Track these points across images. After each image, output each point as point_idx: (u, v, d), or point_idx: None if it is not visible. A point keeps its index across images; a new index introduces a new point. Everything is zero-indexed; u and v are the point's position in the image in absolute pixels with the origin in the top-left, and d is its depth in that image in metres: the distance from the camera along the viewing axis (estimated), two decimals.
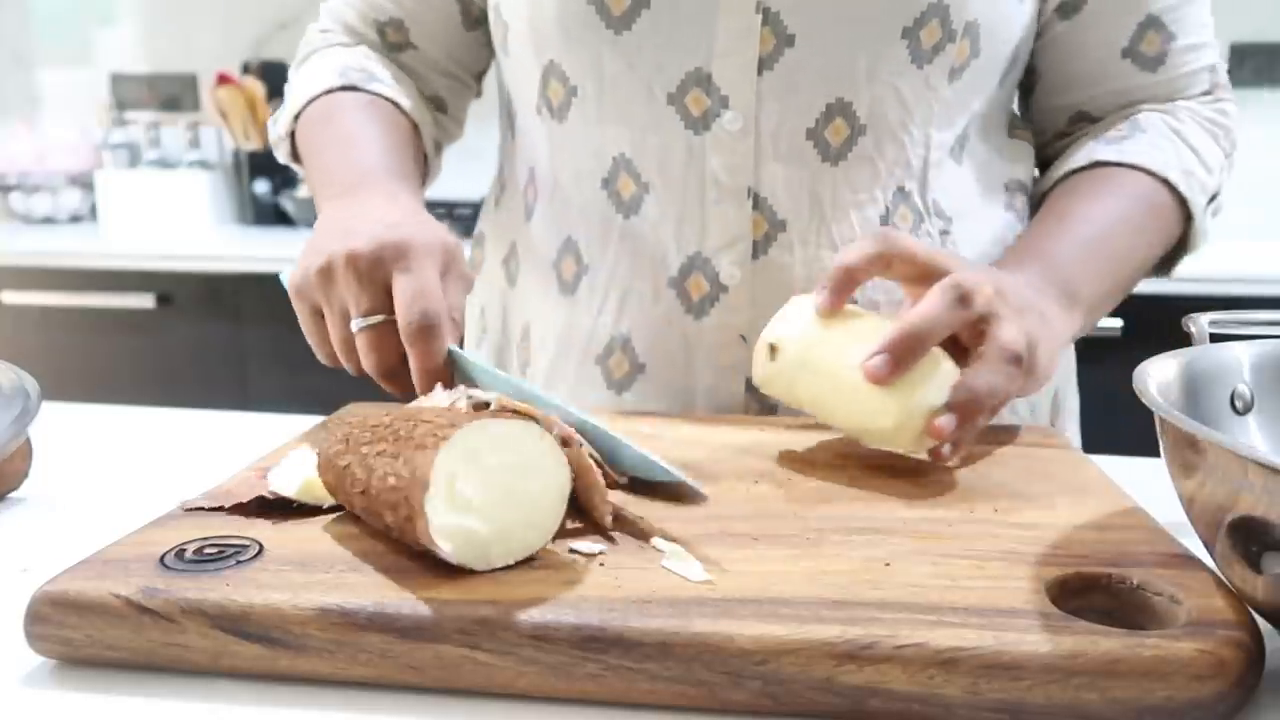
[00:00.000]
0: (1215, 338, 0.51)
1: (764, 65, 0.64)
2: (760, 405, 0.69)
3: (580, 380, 0.72)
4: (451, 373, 0.55)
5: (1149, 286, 1.79)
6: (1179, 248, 0.74)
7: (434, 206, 0.98)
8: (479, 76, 0.84)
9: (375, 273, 0.55)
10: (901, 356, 0.51)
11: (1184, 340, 0.52)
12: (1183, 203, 0.70)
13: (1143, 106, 0.73)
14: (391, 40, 0.79)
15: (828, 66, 0.64)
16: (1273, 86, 2.10)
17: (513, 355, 0.79)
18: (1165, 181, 0.69)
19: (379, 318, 0.55)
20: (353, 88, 0.75)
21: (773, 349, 0.56)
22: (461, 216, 2.11)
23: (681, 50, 0.65)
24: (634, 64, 0.66)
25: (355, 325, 0.55)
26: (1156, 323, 1.63)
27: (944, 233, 0.71)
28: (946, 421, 0.50)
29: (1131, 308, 1.66)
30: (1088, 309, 0.64)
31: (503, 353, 0.80)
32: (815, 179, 0.67)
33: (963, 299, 0.51)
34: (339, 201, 0.64)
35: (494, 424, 0.41)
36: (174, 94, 2.47)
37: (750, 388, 0.69)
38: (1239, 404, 0.48)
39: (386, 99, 0.76)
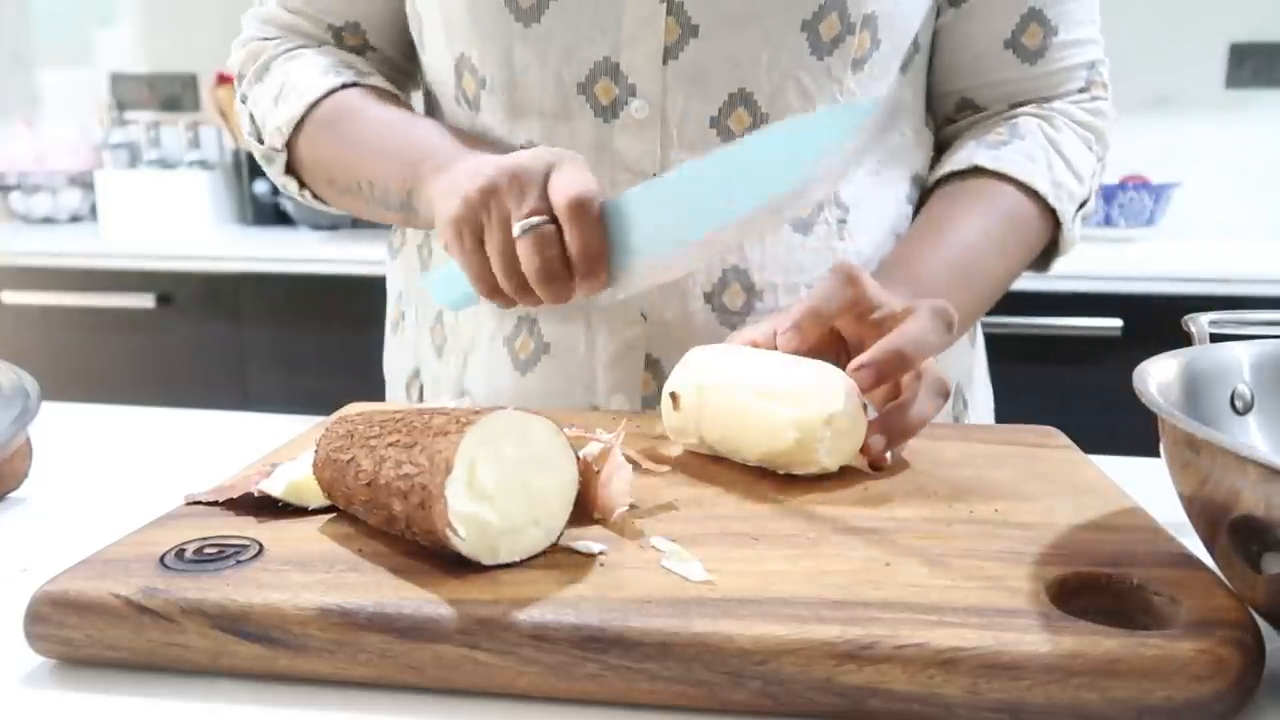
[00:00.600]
0: (1215, 338, 0.51)
1: (669, 54, 0.65)
2: (655, 379, 0.70)
3: (491, 361, 0.73)
4: (608, 261, 0.56)
5: (1149, 286, 1.78)
6: (1051, 249, 0.77)
7: None
8: (417, 68, 0.83)
9: (535, 177, 0.56)
10: (886, 375, 0.54)
11: (1184, 340, 0.52)
12: (1052, 211, 0.73)
13: (1023, 110, 0.76)
14: (349, 44, 0.78)
15: (730, 57, 0.66)
16: (1273, 86, 2.10)
17: (427, 340, 0.79)
18: (1035, 194, 0.73)
19: (542, 218, 0.56)
20: (353, 84, 0.74)
21: (674, 398, 0.57)
22: None
23: (590, 40, 0.66)
24: (544, 55, 0.67)
25: (518, 229, 0.56)
26: (1156, 323, 1.64)
27: (841, 221, 0.73)
28: (877, 442, 0.54)
29: (1132, 308, 1.67)
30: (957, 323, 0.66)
31: (419, 340, 0.80)
32: None
33: (949, 325, 0.55)
34: (458, 162, 0.63)
35: (516, 416, 0.42)
36: (174, 94, 2.47)
37: (648, 366, 0.71)
38: (1239, 404, 0.48)
39: (387, 89, 0.75)
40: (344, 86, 0.73)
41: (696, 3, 0.65)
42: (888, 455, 0.54)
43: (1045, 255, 0.78)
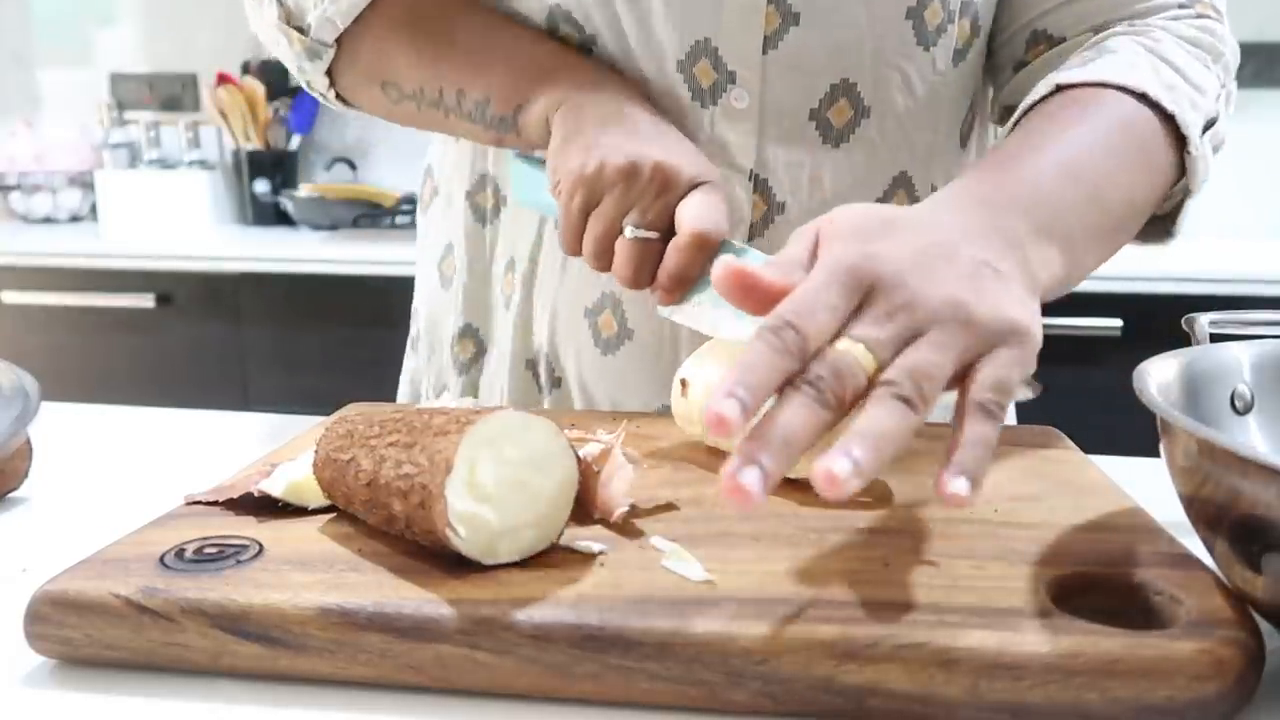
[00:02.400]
0: (1215, 338, 0.51)
1: (769, 44, 0.63)
2: None
3: (570, 331, 0.70)
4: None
5: (1149, 286, 1.78)
6: (1176, 194, 0.63)
7: None
8: None
9: (674, 188, 0.55)
10: (772, 473, 0.35)
11: (1184, 340, 0.52)
12: (1171, 122, 0.58)
13: (1112, 31, 0.64)
14: None
15: (833, 46, 0.63)
16: (1273, 86, 2.10)
17: (491, 291, 0.75)
18: (1144, 98, 0.57)
19: (653, 235, 0.55)
20: None
21: (683, 384, 0.56)
22: None
23: (691, 16, 0.63)
24: (643, 28, 0.63)
25: (630, 233, 0.55)
26: (1156, 323, 1.64)
27: None
28: (842, 468, 0.35)
29: (1131, 308, 1.67)
30: (1068, 248, 0.49)
31: (472, 296, 0.76)
32: (815, 162, 0.66)
33: (828, 402, 0.37)
34: (594, 93, 0.59)
35: (516, 416, 0.42)
36: (174, 94, 2.47)
37: None
38: (1239, 404, 0.48)
39: None
40: None
41: None
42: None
43: (1170, 211, 0.64)
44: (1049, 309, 0.46)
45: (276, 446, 0.58)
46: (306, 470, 0.48)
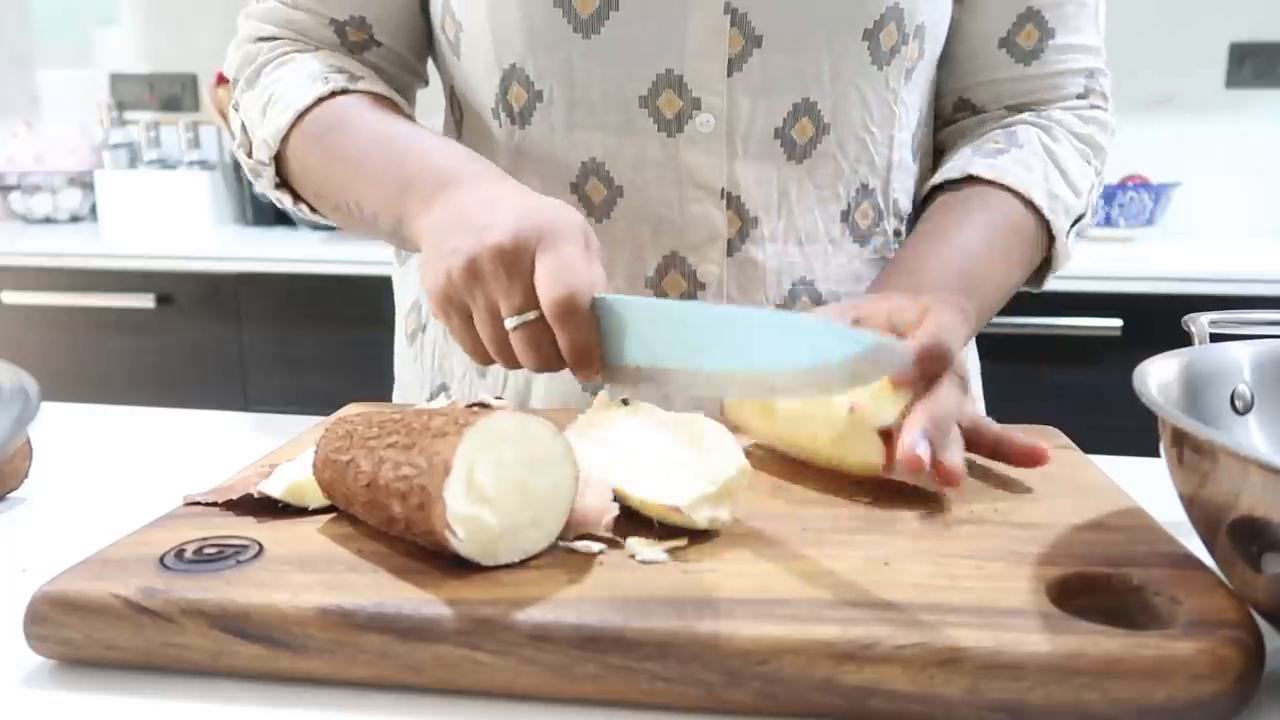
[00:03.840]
0: (1215, 338, 0.51)
1: (733, 66, 0.65)
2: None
3: (553, 385, 0.71)
4: (602, 351, 0.52)
5: (1149, 286, 1.78)
6: (1045, 265, 0.76)
7: None
8: (425, 64, 0.79)
9: (521, 263, 0.51)
10: (931, 370, 0.51)
11: (1184, 340, 0.52)
12: (1047, 224, 0.72)
13: (1020, 118, 0.75)
14: (353, 40, 0.73)
15: (794, 67, 0.66)
16: (1273, 86, 2.10)
17: (460, 358, 0.75)
18: (1030, 204, 0.71)
19: (532, 314, 0.51)
20: (343, 91, 0.68)
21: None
22: None
23: (652, 52, 0.65)
24: (605, 67, 0.65)
25: (510, 324, 0.52)
26: (1156, 323, 1.64)
27: (897, 233, 0.74)
28: (921, 445, 0.47)
29: (1132, 308, 1.67)
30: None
31: (449, 355, 0.76)
32: (782, 176, 0.68)
33: (968, 318, 0.55)
34: (444, 197, 0.58)
35: (514, 417, 0.41)
36: (174, 94, 2.47)
37: None
38: (1239, 404, 0.48)
39: (382, 95, 0.70)
40: (333, 94, 0.68)
41: (760, 14, 0.64)
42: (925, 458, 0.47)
43: (1039, 271, 0.77)
44: (1048, 309, 0.47)
45: (276, 446, 0.58)
46: (306, 471, 0.48)
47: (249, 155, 0.72)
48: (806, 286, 0.70)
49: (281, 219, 2.28)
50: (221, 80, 2.26)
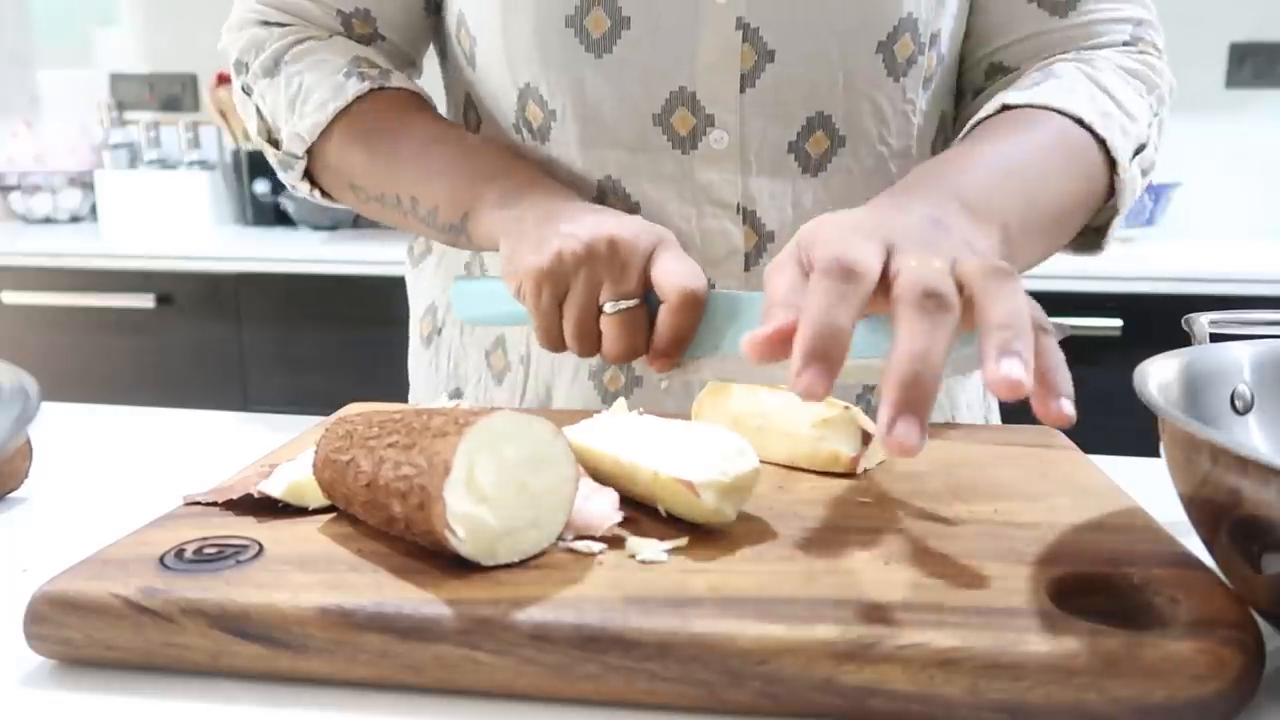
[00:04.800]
0: (1215, 338, 0.51)
1: (746, 82, 0.64)
2: None
3: (573, 393, 0.72)
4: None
5: (1149, 286, 1.78)
6: (1107, 211, 0.67)
7: None
8: (422, 58, 0.80)
9: (638, 254, 0.55)
10: (825, 359, 0.37)
11: (1184, 340, 0.52)
12: (1104, 146, 0.62)
13: (1058, 56, 0.69)
14: (359, 32, 0.74)
15: (807, 81, 0.65)
16: (1273, 86, 2.10)
17: (481, 363, 0.76)
18: (1079, 122, 0.62)
19: (634, 303, 0.55)
20: (379, 88, 0.70)
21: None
22: None
23: (665, 70, 0.65)
24: (618, 86, 0.65)
25: (611, 308, 0.55)
26: (1156, 323, 1.64)
27: None
28: (888, 420, 0.36)
29: (1132, 308, 1.67)
30: (1003, 228, 0.53)
31: (466, 361, 0.77)
32: (797, 190, 0.67)
33: (849, 273, 0.39)
34: (538, 195, 0.61)
35: (514, 417, 0.41)
36: (174, 94, 2.47)
37: None
38: (1239, 404, 0.48)
39: (418, 93, 0.72)
40: (370, 92, 0.69)
41: (772, 29, 0.64)
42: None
43: (1095, 233, 0.68)
44: (1048, 310, 0.47)
45: (276, 446, 0.58)
46: (306, 470, 0.48)
47: (273, 144, 0.73)
48: None
49: (281, 219, 2.28)
50: (222, 80, 2.26)
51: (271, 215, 2.29)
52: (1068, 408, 0.37)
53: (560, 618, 0.37)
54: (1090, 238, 0.69)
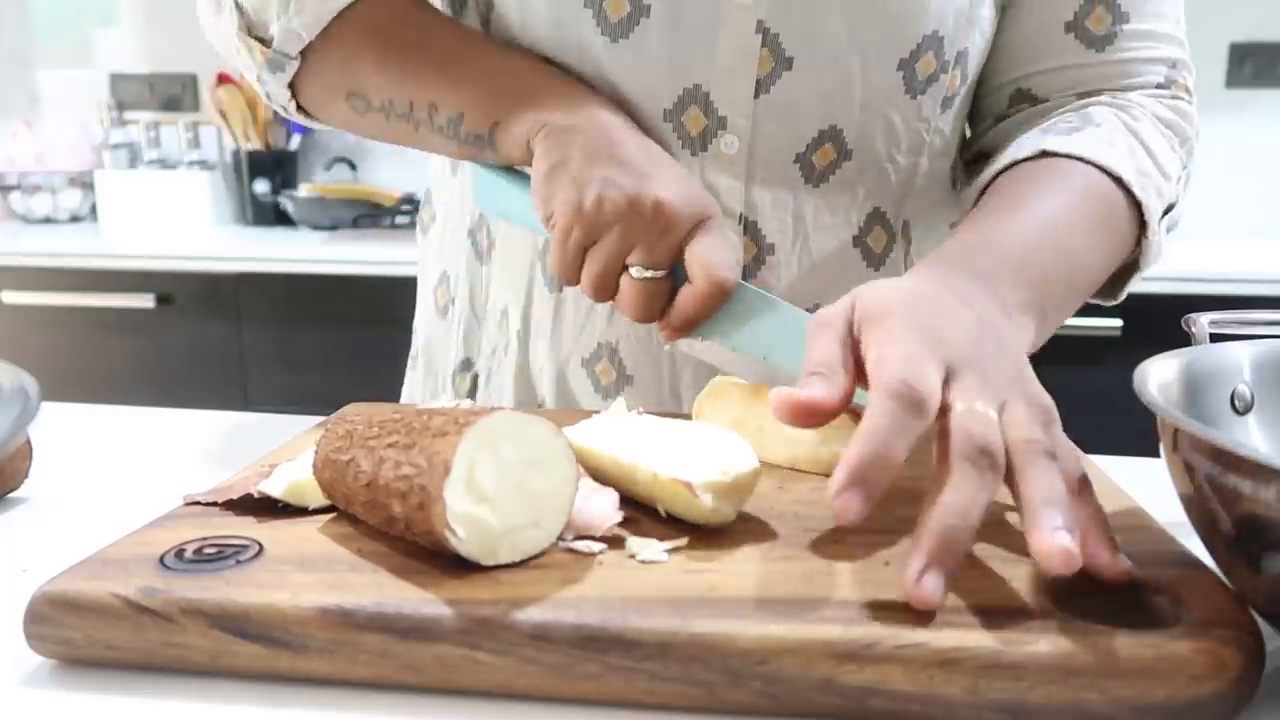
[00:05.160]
0: (1215, 338, 0.51)
1: (761, 87, 0.63)
2: None
3: (570, 383, 0.71)
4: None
5: (1149, 286, 1.79)
6: (1129, 265, 0.66)
7: None
8: None
9: (680, 226, 0.54)
10: (871, 484, 0.38)
11: (1184, 340, 0.52)
12: (1137, 207, 0.62)
13: (1095, 99, 0.67)
14: None
15: (822, 92, 0.64)
16: (1273, 86, 2.10)
17: (484, 335, 0.75)
18: (1119, 181, 0.61)
19: (661, 273, 0.55)
20: None
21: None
22: None
23: (681, 64, 0.63)
24: (632, 74, 0.63)
25: (637, 274, 0.55)
26: (1156, 323, 1.63)
27: (906, 255, 0.71)
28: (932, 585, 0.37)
29: (1131, 308, 1.67)
30: (1040, 316, 0.54)
31: (471, 332, 0.76)
32: (798, 200, 0.66)
33: (916, 406, 0.40)
34: (583, 114, 0.58)
35: (514, 416, 0.41)
36: (174, 94, 2.47)
37: None
38: (1239, 404, 0.48)
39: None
40: None
41: (792, 35, 0.62)
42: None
43: (1117, 277, 0.67)
44: None
45: (276, 446, 0.58)
46: (306, 470, 0.48)
47: (260, 40, 0.65)
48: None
49: (282, 219, 2.28)
50: (222, 80, 2.26)
51: (271, 215, 2.29)
52: (1124, 562, 0.39)
53: (560, 618, 0.37)
54: (1106, 287, 0.68)
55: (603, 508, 0.45)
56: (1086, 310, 0.63)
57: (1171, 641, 0.35)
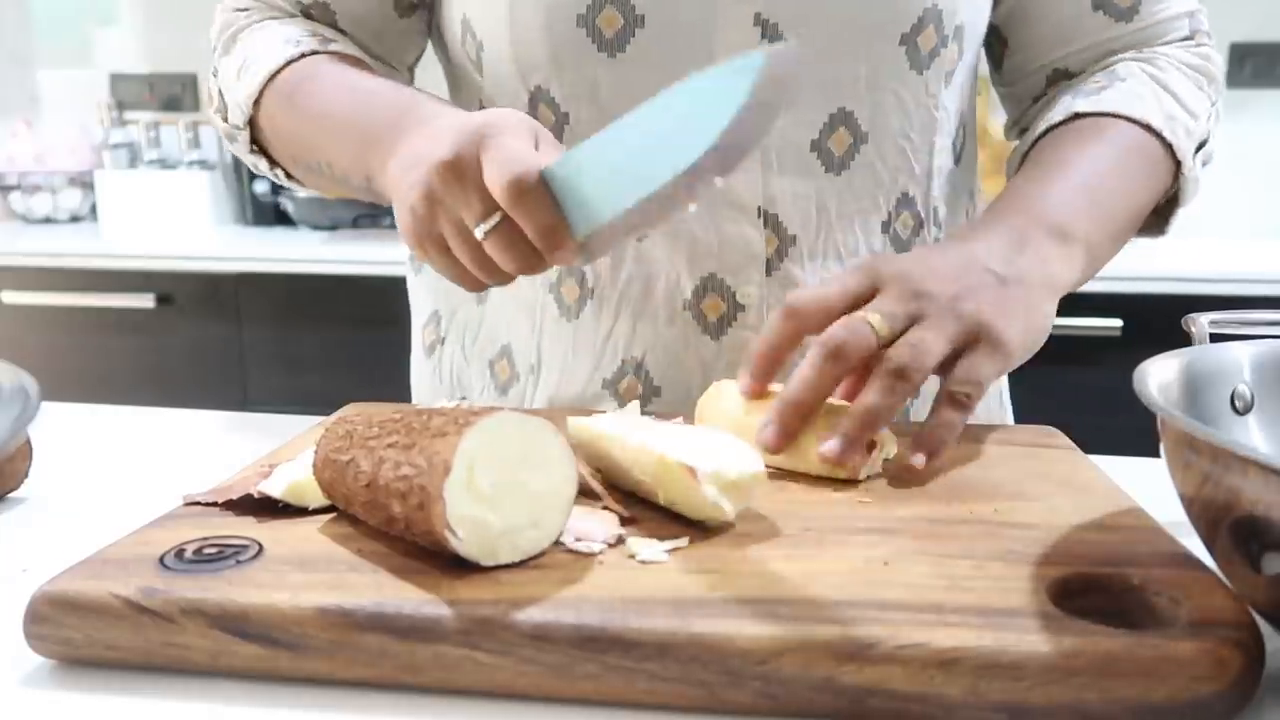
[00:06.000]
0: (1215, 338, 0.51)
1: None
2: None
3: (585, 404, 0.71)
4: (570, 225, 0.50)
5: (1149, 286, 1.78)
6: (1171, 201, 0.72)
7: None
8: (411, 68, 0.78)
9: (469, 169, 0.50)
10: (786, 423, 0.52)
11: (1184, 340, 0.52)
12: (1170, 149, 0.67)
13: (1121, 56, 0.71)
14: (318, 21, 0.72)
15: (829, 77, 0.64)
16: (1273, 86, 2.10)
17: (485, 373, 0.75)
18: (1148, 128, 0.66)
19: (496, 217, 0.50)
20: (313, 52, 0.67)
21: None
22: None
23: (680, 68, 0.62)
24: (632, 86, 0.63)
25: (479, 233, 0.51)
26: (1156, 323, 1.64)
27: (937, 240, 0.71)
28: (830, 447, 0.51)
29: (1132, 308, 1.67)
30: (1086, 248, 0.61)
31: (469, 371, 0.76)
32: (820, 190, 0.66)
33: (835, 354, 0.52)
34: (402, 142, 0.57)
35: (514, 416, 0.41)
36: (174, 94, 2.47)
37: None
38: (1239, 404, 0.48)
39: (353, 55, 0.69)
40: (303, 55, 0.66)
41: (792, 24, 0.62)
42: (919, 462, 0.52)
43: (1163, 213, 0.72)
44: None
45: (276, 446, 0.58)
46: (306, 471, 0.48)
47: (224, 120, 0.71)
48: None
49: (282, 219, 2.28)
50: None
51: (271, 215, 2.29)
52: (916, 460, 0.52)
53: (560, 618, 0.37)
54: (1152, 222, 0.72)
55: (603, 526, 0.45)
56: (1087, 310, 0.64)
57: (1171, 641, 0.35)
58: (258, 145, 0.71)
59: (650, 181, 0.46)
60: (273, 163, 0.72)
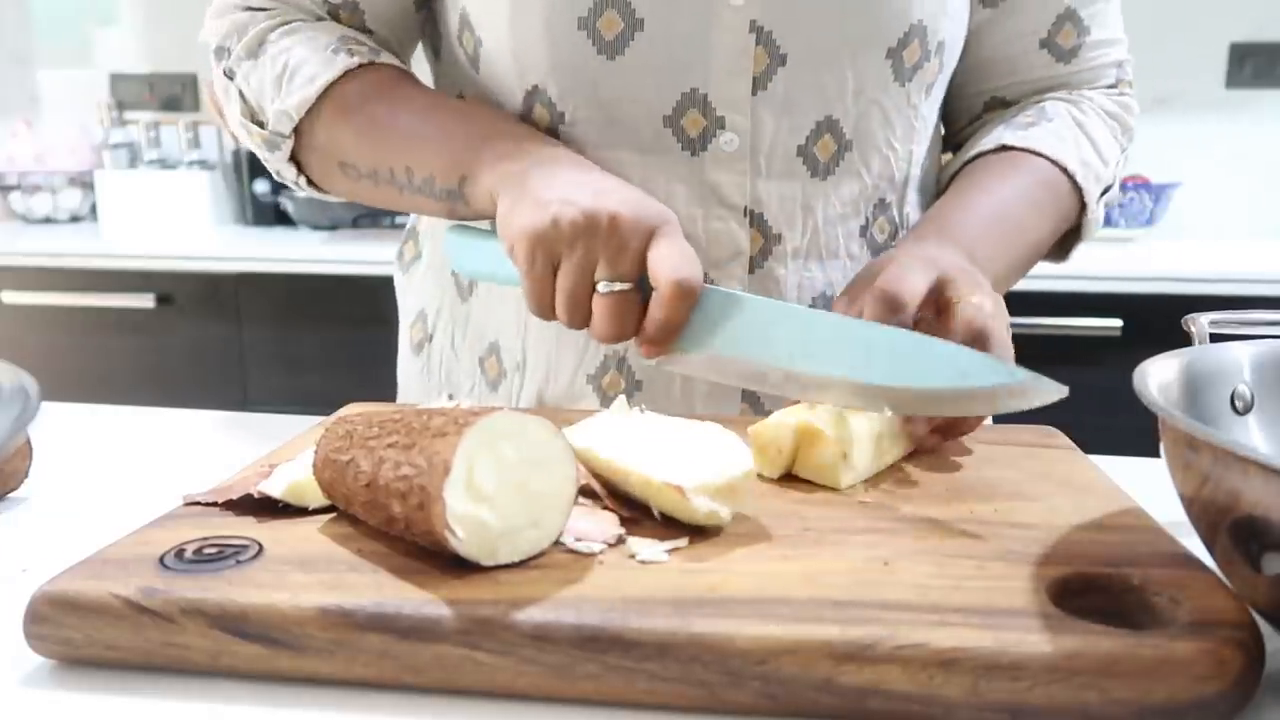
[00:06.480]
0: (1215, 338, 0.51)
1: (758, 85, 0.65)
2: (755, 412, 0.69)
3: (571, 399, 0.71)
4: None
5: (1149, 286, 1.78)
6: (1073, 235, 0.77)
7: None
8: (409, 58, 0.78)
9: (638, 235, 0.54)
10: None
11: (1184, 340, 0.52)
12: (1079, 191, 0.73)
13: (1051, 95, 0.77)
14: (346, 23, 0.72)
15: (818, 85, 0.65)
16: (1273, 86, 2.10)
17: (474, 370, 0.76)
18: (1064, 170, 0.72)
19: (627, 286, 0.55)
20: (369, 64, 0.68)
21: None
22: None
23: (677, 71, 0.64)
24: (630, 88, 0.65)
25: (604, 288, 0.55)
26: (1156, 323, 1.64)
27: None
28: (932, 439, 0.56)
29: (1132, 308, 1.67)
30: (992, 276, 0.65)
31: (458, 369, 0.77)
32: (806, 194, 0.68)
33: (891, 302, 0.55)
34: (537, 154, 0.61)
35: (514, 416, 0.41)
36: (174, 94, 2.47)
37: (746, 397, 0.70)
38: (1239, 404, 0.48)
39: (406, 70, 0.71)
40: (361, 66, 0.67)
41: (785, 32, 0.64)
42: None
43: (1065, 244, 0.78)
44: (1048, 310, 0.48)
45: (276, 446, 0.58)
46: (306, 471, 0.48)
47: (259, 125, 0.71)
48: (826, 301, 0.70)
49: (282, 219, 2.28)
50: None
51: (271, 215, 2.29)
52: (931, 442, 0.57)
53: (560, 618, 0.37)
54: (1056, 250, 0.79)
55: (603, 526, 0.45)
56: (1087, 310, 0.64)
57: (1171, 641, 0.35)
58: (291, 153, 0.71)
59: (800, 363, 0.53)
60: (299, 170, 0.72)
